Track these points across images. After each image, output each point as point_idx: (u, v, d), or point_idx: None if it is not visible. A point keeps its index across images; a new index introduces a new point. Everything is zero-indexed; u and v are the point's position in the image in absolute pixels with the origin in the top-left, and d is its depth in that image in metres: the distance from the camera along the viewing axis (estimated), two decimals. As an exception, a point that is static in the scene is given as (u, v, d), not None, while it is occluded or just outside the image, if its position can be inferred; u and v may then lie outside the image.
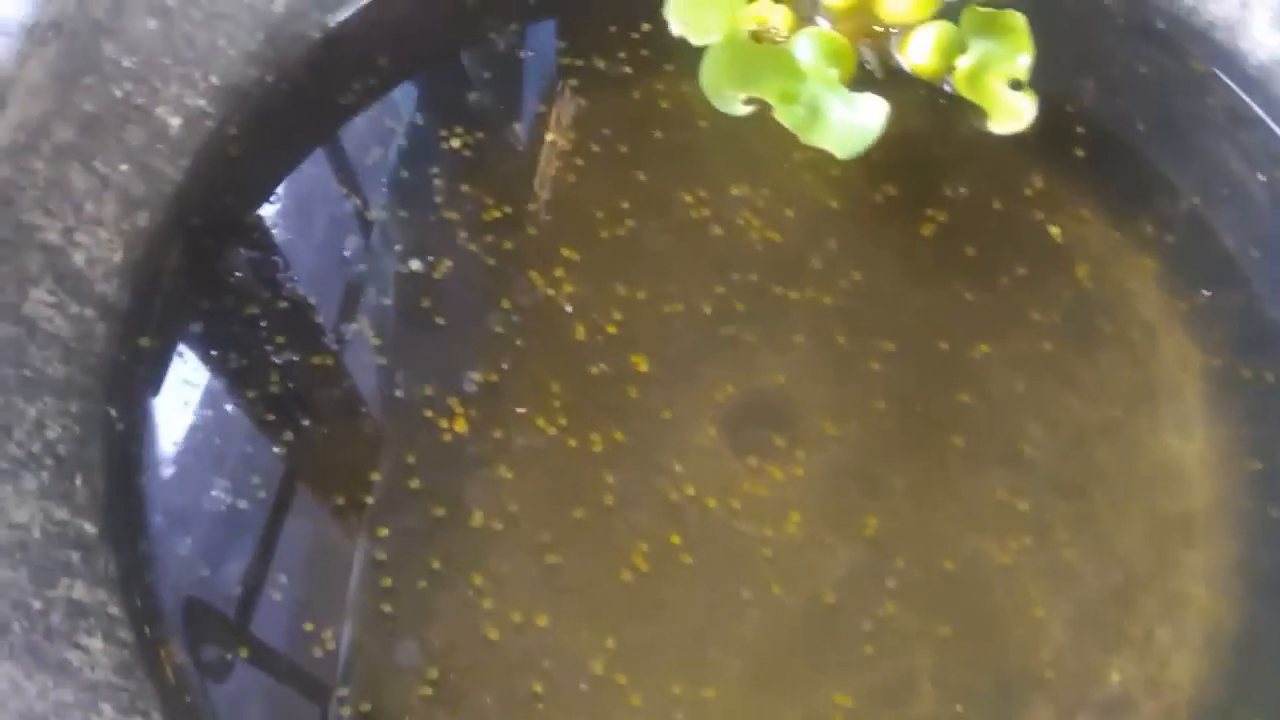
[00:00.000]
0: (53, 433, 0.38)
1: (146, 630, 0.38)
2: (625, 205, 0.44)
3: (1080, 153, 0.45)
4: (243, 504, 0.40)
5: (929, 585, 0.39)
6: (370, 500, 0.40)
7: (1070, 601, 0.39)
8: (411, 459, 0.40)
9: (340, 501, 0.40)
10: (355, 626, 0.38)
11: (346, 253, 0.43)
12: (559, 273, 0.43)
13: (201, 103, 0.44)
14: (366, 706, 0.37)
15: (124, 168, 0.42)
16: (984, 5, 0.46)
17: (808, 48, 0.45)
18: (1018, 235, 0.44)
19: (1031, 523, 0.40)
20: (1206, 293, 0.43)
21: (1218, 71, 0.47)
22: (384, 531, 0.39)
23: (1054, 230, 0.44)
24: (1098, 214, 0.44)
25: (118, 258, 0.41)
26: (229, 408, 0.41)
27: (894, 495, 0.40)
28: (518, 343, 0.42)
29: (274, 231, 0.44)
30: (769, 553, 0.39)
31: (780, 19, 0.46)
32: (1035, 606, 0.39)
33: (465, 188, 0.44)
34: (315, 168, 0.45)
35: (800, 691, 0.37)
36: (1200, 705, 0.37)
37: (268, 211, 0.44)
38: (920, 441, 0.41)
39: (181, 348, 0.42)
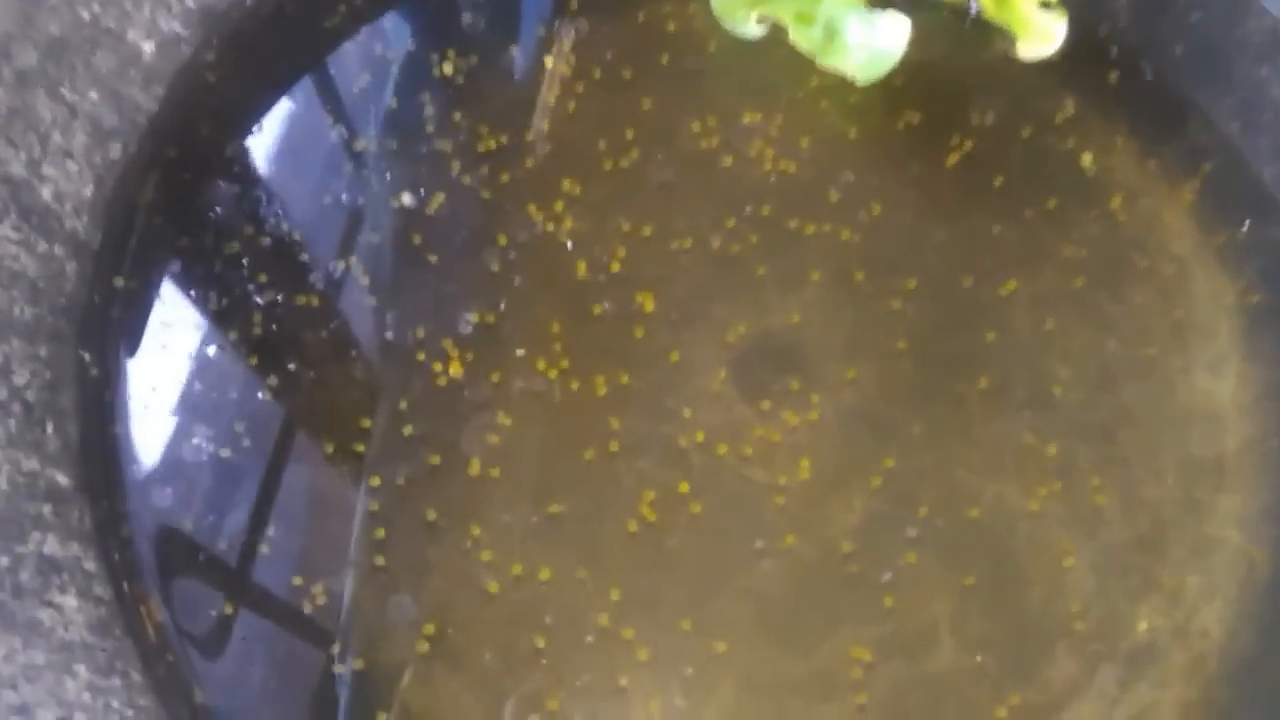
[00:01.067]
0: (20, 378, 0.37)
1: (125, 586, 0.37)
2: (629, 135, 0.43)
3: (1113, 77, 0.44)
4: (226, 453, 0.39)
5: (952, 534, 0.38)
6: (362, 448, 0.39)
7: (1098, 549, 0.38)
8: (404, 405, 0.39)
9: (330, 449, 0.39)
10: (348, 580, 0.37)
11: (333, 186, 0.42)
12: (559, 207, 0.42)
13: (176, 26, 0.42)
14: (361, 663, 0.37)
15: (93, 96, 0.40)
16: (1013, -83, 0.43)
17: (824, -36, 0.43)
18: (1047, 165, 0.43)
19: (1059, 467, 0.39)
20: (1244, 225, 0.42)
21: (1259, -10, 0.45)
22: (377, 481, 0.38)
23: (1085, 160, 0.43)
24: (1131, 142, 0.43)
25: (88, 192, 0.40)
26: (210, 351, 0.40)
27: (915, 440, 0.39)
28: (516, 281, 0.41)
29: (255, 164, 0.43)
30: (782, 501, 0.38)
31: (794, -67, 0.44)
32: (1062, 554, 0.38)
33: (459, 117, 0.43)
34: (299, 96, 0.44)
35: (816, 645, 0.37)
36: (1230, 654, 0.37)
37: (249, 142, 0.43)
38: (942, 384, 0.40)
39: (158, 288, 0.41)
